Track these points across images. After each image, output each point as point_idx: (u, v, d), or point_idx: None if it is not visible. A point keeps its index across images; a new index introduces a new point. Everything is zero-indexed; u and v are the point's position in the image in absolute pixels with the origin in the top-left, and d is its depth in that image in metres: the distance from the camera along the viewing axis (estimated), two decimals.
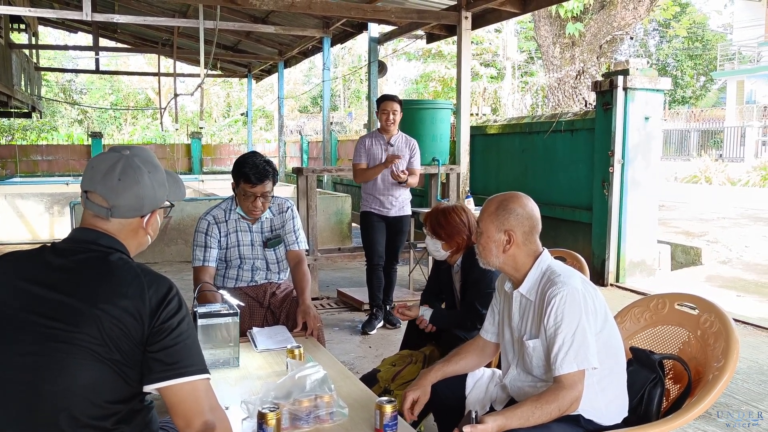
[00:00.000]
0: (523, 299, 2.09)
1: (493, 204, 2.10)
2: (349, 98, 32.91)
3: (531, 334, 2.03)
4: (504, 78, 22.17)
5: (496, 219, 2.06)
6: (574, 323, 1.91)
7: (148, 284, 1.48)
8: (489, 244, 2.08)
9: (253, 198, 3.15)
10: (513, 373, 2.13)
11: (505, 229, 2.05)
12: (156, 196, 1.63)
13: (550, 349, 1.95)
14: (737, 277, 6.51)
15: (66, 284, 1.46)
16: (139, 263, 1.55)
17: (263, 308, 3.30)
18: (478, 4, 6.90)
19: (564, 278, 1.98)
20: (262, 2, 6.76)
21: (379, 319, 4.98)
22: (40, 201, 9.24)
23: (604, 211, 6.08)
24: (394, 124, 4.84)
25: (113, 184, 1.55)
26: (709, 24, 32.96)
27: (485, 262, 2.13)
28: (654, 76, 6.04)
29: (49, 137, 27.11)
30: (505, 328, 2.18)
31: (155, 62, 17.32)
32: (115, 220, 1.57)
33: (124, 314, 1.42)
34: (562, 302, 1.93)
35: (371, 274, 4.98)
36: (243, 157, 3.21)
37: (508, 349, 2.16)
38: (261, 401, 1.93)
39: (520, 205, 2.07)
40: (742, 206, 10.91)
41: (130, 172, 1.57)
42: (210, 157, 19.96)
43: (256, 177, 3.09)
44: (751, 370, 3.96)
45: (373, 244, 4.93)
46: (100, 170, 1.57)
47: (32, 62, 15.39)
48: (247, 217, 3.26)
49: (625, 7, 11.06)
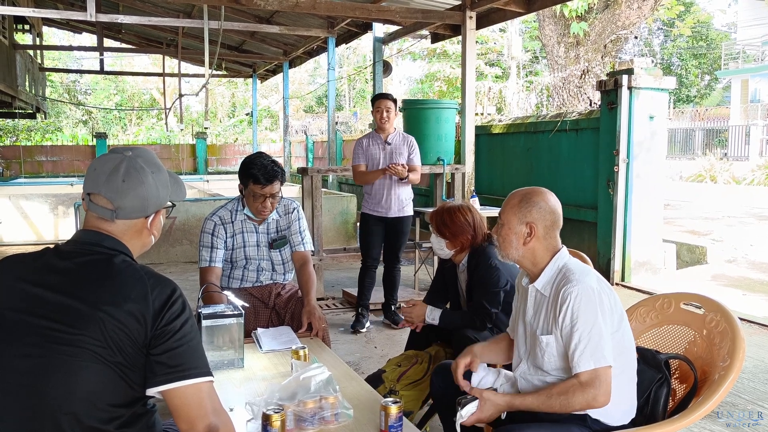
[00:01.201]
0: (538, 294, 2.08)
1: (517, 197, 2.11)
2: (354, 98, 32.93)
3: (544, 329, 2.03)
4: (509, 77, 22.13)
5: (519, 211, 2.07)
6: (590, 321, 1.91)
7: (151, 287, 1.47)
8: (510, 235, 2.08)
9: (262, 199, 3.16)
10: (523, 367, 2.13)
11: (527, 222, 2.05)
12: (160, 196, 1.63)
13: (566, 347, 1.95)
14: (743, 276, 6.49)
15: (69, 286, 1.45)
16: (142, 265, 1.54)
17: (268, 309, 3.30)
18: (482, 4, 6.89)
19: (579, 276, 1.97)
20: (267, 2, 6.77)
21: (366, 318, 4.99)
22: (44, 202, 9.26)
23: (609, 210, 6.07)
24: (389, 121, 4.82)
25: (117, 185, 1.55)
26: (713, 23, 32.89)
27: (504, 254, 2.12)
28: (658, 75, 6.03)
29: (53, 138, 27.18)
30: (519, 323, 2.19)
31: (160, 62, 17.36)
32: (119, 221, 1.57)
33: (128, 317, 1.42)
34: (577, 300, 1.93)
35: (363, 274, 5.01)
36: (250, 158, 3.21)
37: (521, 343, 2.16)
38: (265, 402, 1.93)
39: (543, 199, 2.07)
40: (747, 205, 10.88)
41: (134, 173, 1.57)
42: (215, 158, 19.99)
43: (266, 178, 3.10)
44: (757, 369, 3.94)
45: (368, 248, 4.94)
46: (104, 172, 1.56)
47: (36, 63, 15.43)
48: (256, 218, 3.27)
49: (629, 7, 11.03)
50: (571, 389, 1.91)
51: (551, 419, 1.97)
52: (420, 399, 2.90)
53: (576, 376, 1.92)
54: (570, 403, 1.90)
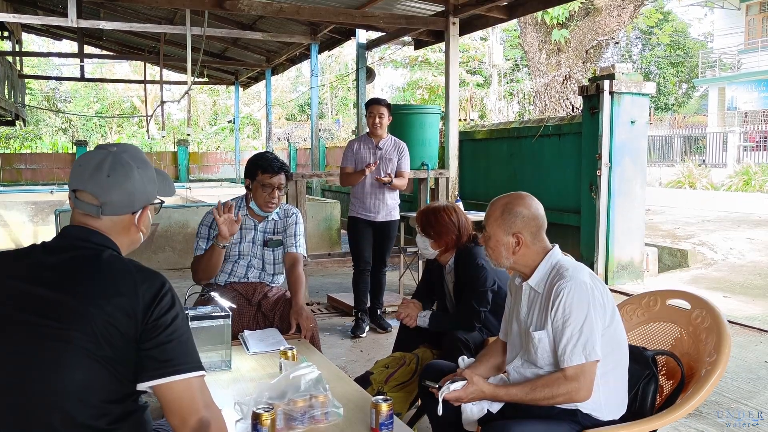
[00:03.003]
0: (532, 291, 2.10)
1: (498, 208, 2.11)
2: (336, 106, 32.96)
3: (537, 325, 2.04)
4: (490, 85, 22.28)
5: (504, 223, 2.08)
6: (582, 316, 1.93)
7: (140, 280, 1.46)
8: (498, 247, 2.10)
9: (270, 189, 3.26)
10: (517, 363, 2.13)
11: (512, 233, 2.07)
12: (146, 191, 1.62)
13: (557, 341, 1.96)
14: (723, 278, 6.57)
15: (57, 282, 1.44)
16: (131, 260, 1.53)
17: (252, 307, 3.30)
18: (465, 10, 6.94)
19: (572, 272, 1.99)
20: (251, 7, 6.76)
21: (366, 322, 4.97)
22: (24, 210, 9.14)
23: (592, 214, 6.12)
24: (382, 127, 4.84)
25: (103, 180, 1.54)
26: (690, 32, 33.42)
27: (496, 263, 2.15)
28: (639, 80, 6.10)
29: (33, 146, 26.86)
30: (512, 321, 2.19)
31: (141, 70, 17.23)
32: (106, 217, 1.56)
33: (117, 311, 1.41)
34: (570, 295, 1.94)
35: (357, 278, 4.98)
36: (256, 155, 3.37)
37: (515, 341, 2.17)
38: (255, 402, 1.92)
39: (524, 207, 2.09)
40: (725, 210, 11.01)
41: (120, 168, 1.56)
42: (197, 165, 19.84)
43: (277, 167, 3.25)
44: (740, 369, 3.99)
45: (360, 250, 4.93)
46: (89, 168, 1.55)
47: (15, 70, 15.25)
48: (262, 212, 3.33)
49: (609, 14, 11.18)
50: (556, 382, 1.93)
51: (542, 416, 1.98)
52: (408, 401, 2.90)
53: (562, 370, 1.93)
54: (553, 395, 1.93)
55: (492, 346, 2.40)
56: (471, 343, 2.86)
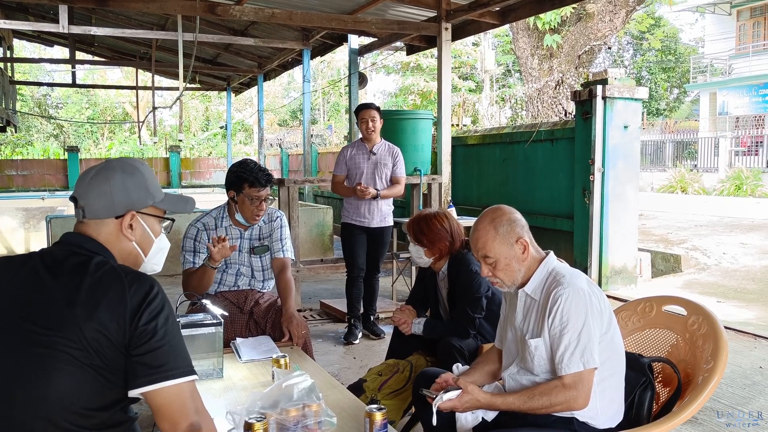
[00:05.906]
0: (528, 298, 2.07)
1: (490, 229, 2.05)
2: (328, 111, 32.93)
3: (533, 333, 2.02)
4: (482, 91, 22.31)
5: (504, 237, 2.04)
6: (579, 323, 1.91)
7: (129, 284, 1.46)
8: (510, 264, 2.05)
9: (258, 202, 3.20)
10: (512, 370, 2.11)
11: (515, 240, 2.04)
12: (130, 197, 1.63)
13: (555, 349, 1.94)
14: (716, 283, 6.58)
15: (46, 288, 1.44)
16: (122, 265, 1.54)
17: (244, 315, 3.27)
18: (458, 16, 6.94)
19: (570, 279, 1.97)
20: (243, 12, 6.73)
21: (359, 329, 4.94)
22: (15, 216, 9.08)
23: (586, 219, 6.11)
24: (375, 131, 4.81)
25: (85, 183, 1.61)
26: (681, 37, 33.60)
27: (512, 283, 2.08)
28: (632, 85, 6.11)
29: (24, 152, 26.72)
30: (508, 328, 2.17)
31: (133, 76, 17.17)
32: (91, 221, 1.59)
33: (105, 317, 1.40)
34: (567, 302, 1.92)
35: (351, 285, 4.95)
36: (239, 164, 3.26)
37: (511, 348, 2.14)
38: (247, 411, 1.88)
39: (508, 213, 2.07)
40: (717, 215, 11.05)
41: (103, 172, 1.62)
42: (189, 171, 19.79)
43: (264, 180, 3.18)
44: (735, 374, 3.98)
45: (354, 257, 4.89)
46: (83, 177, 1.64)
47: (7, 76, 15.17)
48: (249, 223, 3.29)
49: (601, 20, 11.23)
50: (554, 390, 1.90)
51: (538, 424, 1.96)
52: (401, 408, 2.87)
53: (560, 378, 1.91)
54: (551, 403, 1.90)
55: (487, 353, 2.37)
56: (465, 350, 2.84)
